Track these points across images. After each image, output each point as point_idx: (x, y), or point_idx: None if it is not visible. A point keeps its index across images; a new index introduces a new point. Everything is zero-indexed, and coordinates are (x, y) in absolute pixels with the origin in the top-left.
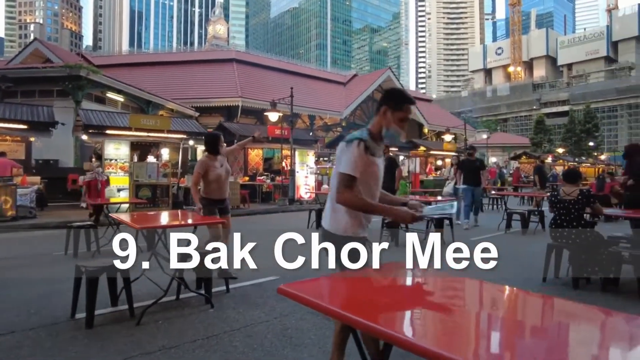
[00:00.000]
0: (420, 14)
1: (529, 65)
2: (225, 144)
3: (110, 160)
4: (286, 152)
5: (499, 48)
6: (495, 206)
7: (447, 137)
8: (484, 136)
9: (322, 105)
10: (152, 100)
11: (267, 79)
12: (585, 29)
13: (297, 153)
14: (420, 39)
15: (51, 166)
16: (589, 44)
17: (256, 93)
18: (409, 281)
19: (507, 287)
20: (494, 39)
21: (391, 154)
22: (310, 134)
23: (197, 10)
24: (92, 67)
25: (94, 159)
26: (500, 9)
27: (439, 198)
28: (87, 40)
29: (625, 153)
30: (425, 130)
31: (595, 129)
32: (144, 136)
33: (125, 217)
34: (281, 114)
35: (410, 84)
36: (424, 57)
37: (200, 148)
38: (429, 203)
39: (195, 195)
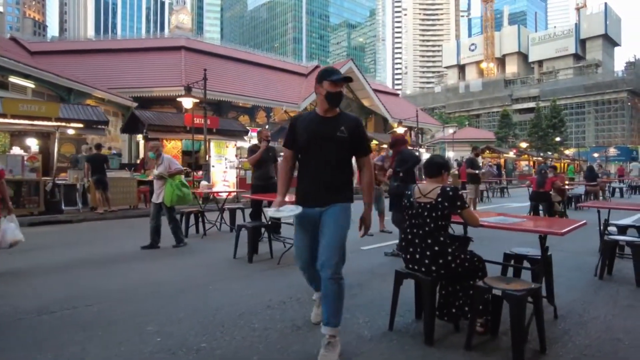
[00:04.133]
0: (396, 10)
1: (501, 62)
2: None
3: None
4: (214, 143)
5: (473, 44)
6: None
7: (400, 130)
8: (451, 131)
9: (278, 97)
10: (74, 88)
11: (218, 68)
12: (555, 26)
13: (212, 145)
14: (396, 35)
15: None
16: (558, 42)
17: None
18: None
19: None
20: (469, 35)
21: (271, 144)
22: (267, 126)
23: (167, 1)
24: None
25: None
26: (476, 6)
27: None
28: (53, 30)
29: (391, 143)
30: (395, 125)
31: (561, 124)
32: (16, 124)
33: None
34: (199, 101)
35: (387, 80)
36: (400, 53)
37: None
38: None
39: None
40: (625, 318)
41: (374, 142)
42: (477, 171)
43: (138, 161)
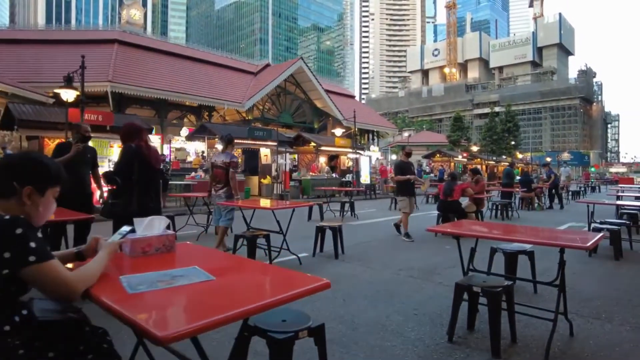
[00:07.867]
0: (364, 14)
1: (463, 67)
2: None
3: None
4: (94, 142)
5: (436, 49)
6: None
7: (338, 132)
8: (406, 134)
9: (222, 95)
10: None
11: (153, 64)
12: (514, 34)
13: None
14: (364, 40)
15: None
16: (517, 49)
17: (134, 78)
18: None
19: None
20: (435, 41)
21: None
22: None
23: None
24: None
25: None
26: (442, 13)
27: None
28: (4, 21)
29: (120, 136)
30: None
31: (515, 128)
32: None
33: None
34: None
35: (354, 84)
36: (367, 57)
37: None
38: None
39: None
40: None
41: (312, 143)
42: (409, 177)
43: None
